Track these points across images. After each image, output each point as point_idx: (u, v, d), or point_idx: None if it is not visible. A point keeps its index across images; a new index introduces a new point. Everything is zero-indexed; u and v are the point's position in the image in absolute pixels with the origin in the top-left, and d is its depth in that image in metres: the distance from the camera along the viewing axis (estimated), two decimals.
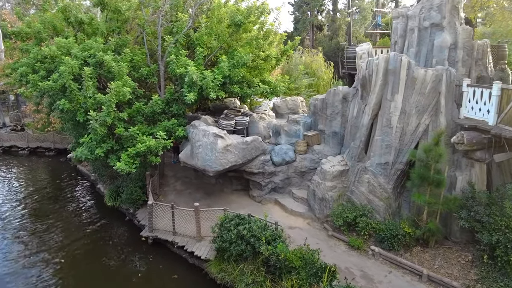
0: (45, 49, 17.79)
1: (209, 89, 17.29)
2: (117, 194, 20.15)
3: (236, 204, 18.53)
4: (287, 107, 23.71)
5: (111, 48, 18.56)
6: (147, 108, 18.30)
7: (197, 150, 16.69)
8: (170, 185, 21.48)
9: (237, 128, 19.84)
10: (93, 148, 17.06)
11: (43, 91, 17.36)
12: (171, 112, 19.25)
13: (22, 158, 32.20)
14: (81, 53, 17.89)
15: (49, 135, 32.66)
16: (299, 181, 18.53)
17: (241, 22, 17.79)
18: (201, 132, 16.88)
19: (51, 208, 21.70)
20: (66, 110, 16.96)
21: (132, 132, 16.95)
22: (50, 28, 20.48)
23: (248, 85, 19.52)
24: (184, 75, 17.52)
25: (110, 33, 20.08)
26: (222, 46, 19.80)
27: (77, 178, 26.45)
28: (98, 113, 16.39)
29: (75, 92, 17.02)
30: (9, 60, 31.95)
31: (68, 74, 16.69)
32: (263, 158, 18.31)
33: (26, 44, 20.22)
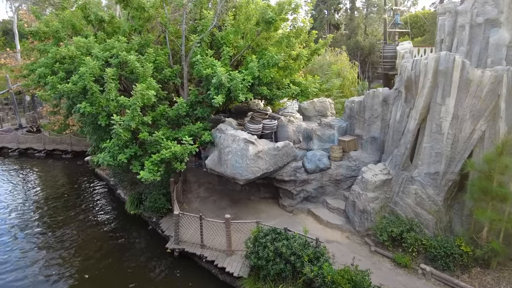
0: (64, 49, 16.84)
1: (238, 91, 16.17)
2: (139, 201, 19.13)
3: (265, 214, 17.36)
4: (314, 109, 22.48)
5: (134, 48, 17.52)
6: (172, 111, 17.20)
7: (226, 157, 15.55)
8: (193, 192, 20.40)
9: (264, 132, 18.65)
10: (116, 154, 16.05)
11: (62, 94, 16.39)
12: (196, 115, 18.18)
13: (38, 161, 31.49)
14: (102, 53, 16.89)
15: (65, 137, 31.90)
16: (333, 190, 17.25)
17: (273, 19, 16.59)
18: (230, 137, 15.73)
19: (68, 214, 20.84)
20: (87, 113, 15.97)
21: (157, 137, 15.87)
22: (69, 27, 19.57)
23: (277, 87, 18.34)
24: (211, 77, 16.45)
25: (132, 32, 19.06)
26: (250, 45, 18.63)
27: (95, 182, 25.53)
28: (121, 117, 15.37)
29: (96, 94, 16.04)
30: (26, 61, 31.23)
31: (89, 75, 15.71)
32: (294, 164, 17.11)
33: (44, 44, 19.33)
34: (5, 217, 20.94)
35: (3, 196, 23.89)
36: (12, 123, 43.08)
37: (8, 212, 21.58)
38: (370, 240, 14.59)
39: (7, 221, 20.38)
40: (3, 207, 22.32)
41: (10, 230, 19.35)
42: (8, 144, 33.79)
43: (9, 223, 20.17)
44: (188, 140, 15.30)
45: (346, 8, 66.83)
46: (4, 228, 19.64)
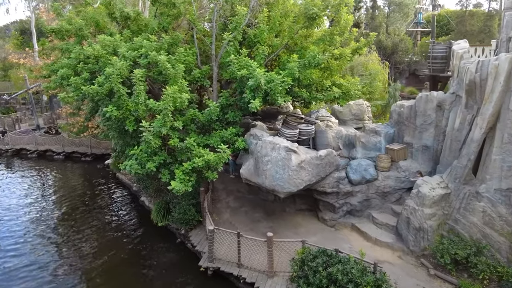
0: (88, 48, 15.62)
1: (277, 94, 14.76)
2: (166, 211, 17.84)
3: (304, 228, 15.93)
4: (350, 113, 21.03)
5: (164, 48, 16.23)
6: (203, 116, 15.86)
7: (265, 167, 14.14)
8: (222, 201, 19.04)
9: (301, 138, 17.18)
10: (144, 162, 14.78)
11: (86, 96, 15.17)
12: (226, 119, 16.84)
13: (57, 163, 30.53)
14: (129, 52, 15.63)
15: (85, 139, 30.88)
16: (380, 203, 15.73)
17: (317, 16, 15.13)
18: (269, 145, 14.32)
19: (87, 220, 19.86)
20: (113, 118, 14.72)
21: (188, 144, 14.53)
22: (92, 25, 18.37)
23: (316, 89, 16.89)
24: (246, 78, 15.07)
25: (159, 30, 17.79)
26: (287, 43, 17.19)
27: (117, 188, 24.37)
28: (151, 123, 14.09)
29: (124, 97, 14.78)
30: (45, 61, 30.27)
31: (117, 76, 14.45)
32: (337, 175, 15.65)
33: (66, 43, 18.17)
34: (22, 221, 20.11)
35: (21, 199, 23.02)
36: (29, 123, 42.39)
37: (25, 215, 20.74)
38: (427, 261, 13.03)
39: (24, 225, 19.62)
40: (20, 210, 21.47)
41: (26, 234, 18.63)
42: (27, 146, 32.96)
43: (26, 227, 19.42)
44: (223, 148, 13.94)
45: (367, 6, 65.03)
46: (20, 232, 18.89)
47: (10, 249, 17.29)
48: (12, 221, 20.16)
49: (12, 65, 57.75)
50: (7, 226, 19.70)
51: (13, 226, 19.69)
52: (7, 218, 20.55)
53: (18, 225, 19.68)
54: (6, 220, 20.36)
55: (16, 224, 19.80)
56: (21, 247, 17.43)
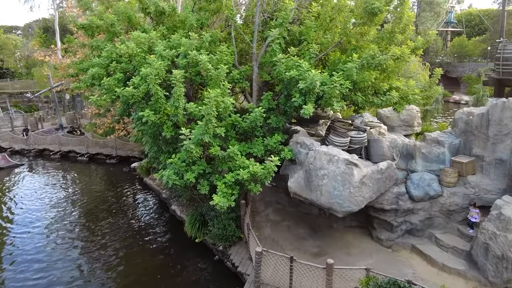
0: (122, 46, 14.25)
1: (332, 99, 13.14)
2: (201, 224, 16.39)
3: (357, 249, 14.27)
4: (399, 119, 19.29)
5: (205, 46, 14.77)
6: (245, 122, 14.35)
7: (320, 181, 12.51)
8: (261, 214, 17.50)
9: (351, 147, 15.48)
10: (182, 171, 13.36)
11: (121, 99, 13.82)
12: (269, 125, 15.30)
13: (81, 165, 29.52)
14: (167, 51, 14.21)
15: (109, 140, 29.77)
16: (443, 223, 13.95)
17: (378, 11, 13.43)
18: (324, 156, 12.69)
19: (113, 229, 18.69)
20: (150, 123, 13.31)
21: (231, 152, 13.03)
22: (124, 21, 17.02)
23: (373, 92, 15.19)
24: (296, 80, 13.50)
25: (197, 27, 16.34)
26: (339, 41, 15.52)
27: (145, 193, 23.09)
28: (192, 129, 12.65)
29: (162, 100, 13.38)
30: (71, 58, 29.27)
31: (155, 77, 13.05)
32: (396, 190, 13.93)
33: (97, 40, 16.87)
34: (45, 224, 19.24)
35: (43, 203, 22.13)
36: (52, 122, 41.75)
37: (48, 219, 19.85)
38: None
39: (47, 229, 18.80)
40: (43, 214, 20.60)
41: (49, 237, 18.00)
42: (50, 146, 32.10)
43: (47, 231, 18.61)
44: (274, 160, 12.37)
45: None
46: (43, 235, 18.17)
47: (30, 255, 16.62)
48: (32, 223, 19.33)
49: (35, 63, 57.57)
50: (29, 228, 18.90)
51: (34, 228, 18.88)
52: (28, 220, 19.72)
53: (39, 228, 18.88)
54: (28, 222, 19.56)
55: (37, 227, 18.97)
56: (40, 254, 16.62)
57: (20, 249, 16.98)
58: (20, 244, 17.44)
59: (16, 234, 18.35)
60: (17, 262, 16.00)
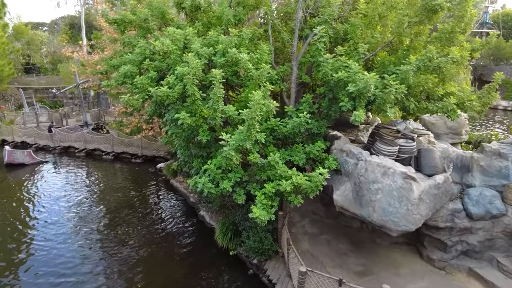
0: (157, 42, 13.31)
1: (386, 104, 11.91)
2: (233, 234, 15.38)
3: (407, 269, 12.98)
4: (446, 126, 17.90)
5: (245, 44, 13.73)
6: (286, 127, 13.24)
7: (372, 196, 11.30)
8: (297, 225, 16.37)
9: (400, 157, 14.19)
10: (218, 179, 12.36)
11: (155, 99, 12.89)
12: (309, 130, 14.16)
13: (106, 164, 28.93)
14: (204, 49, 13.23)
15: (135, 139, 29.09)
16: (506, 245, 12.54)
17: (440, 8, 12.12)
18: (377, 168, 11.47)
19: (137, 231, 17.97)
20: (186, 126, 12.33)
21: (272, 160, 11.96)
22: (158, 16, 16.11)
23: (426, 97, 13.87)
24: (344, 82, 12.33)
25: (235, 23, 15.34)
26: (391, 41, 14.25)
27: (171, 196, 22.21)
28: (232, 135, 11.62)
29: (198, 102, 12.38)
30: (97, 55, 28.74)
31: (193, 77, 12.06)
32: (452, 206, 12.60)
33: (128, 36, 16.02)
34: (67, 223, 18.68)
35: (67, 201, 21.66)
36: (76, 119, 41.55)
37: (70, 218, 19.29)
38: None
39: (69, 229, 18.28)
40: (65, 213, 20.11)
41: (71, 236, 17.60)
42: (75, 143, 31.68)
43: (69, 232, 18.00)
44: (324, 173, 11.24)
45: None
46: (65, 236, 17.54)
47: (52, 254, 16.19)
48: (54, 222, 18.81)
49: (60, 59, 57.85)
50: (50, 228, 18.38)
51: (56, 228, 18.36)
52: (50, 218, 19.21)
53: (61, 228, 18.33)
54: (49, 220, 19.07)
55: (59, 226, 18.45)
56: (62, 256, 16.08)
57: (42, 248, 16.50)
58: (42, 243, 16.94)
59: (37, 233, 17.81)
60: (38, 260, 15.61)
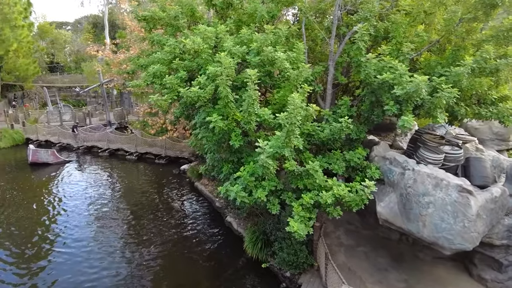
0: (187, 40, 12.59)
1: (437, 109, 10.89)
2: (264, 243, 14.55)
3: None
4: (491, 131, 16.76)
5: (281, 42, 12.88)
6: (323, 132, 12.34)
7: (423, 210, 10.30)
8: (331, 235, 15.40)
9: (446, 165, 13.08)
10: (251, 188, 11.54)
11: (185, 100, 12.16)
12: (348, 136, 13.20)
13: (129, 164, 28.53)
14: (237, 47, 12.44)
15: (158, 139, 28.59)
16: None
17: (501, 1, 11.01)
18: (428, 179, 10.46)
19: (160, 235, 17.38)
20: (218, 130, 11.56)
21: (311, 169, 11.06)
22: (187, 14, 15.41)
23: (477, 102, 12.75)
24: (390, 84, 11.35)
25: (269, 19, 14.53)
26: (438, 40, 13.17)
27: (196, 200, 21.52)
28: (268, 141, 10.78)
29: (231, 105, 11.59)
30: (122, 55, 28.34)
31: (226, 78, 11.28)
32: (508, 222, 11.44)
33: (157, 34, 15.36)
34: (90, 230, 18.04)
35: (89, 201, 21.34)
36: (100, 118, 41.47)
37: (92, 219, 18.91)
38: None
39: (91, 230, 17.88)
40: (88, 213, 19.77)
41: (93, 237, 17.24)
42: (98, 143, 31.44)
43: (94, 235, 17.49)
44: (370, 186, 10.30)
45: None
46: (87, 240, 17.01)
47: (74, 254, 15.92)
48: (77, 228, 18.27)
49: (84, 58, 58.18)
50: (72, 230, 18.03)
51: (78, 234, 17.82)
52: (74, 224, 18.65)
53: (83, 233, 17.75)
54: (72, 221, 18.72)
55: (81, 231, 17.90)
56: (83, 259, 15.62)
57: (62, 252, 16.10)
58: (62, 249, 16.52)
59: (59, 238, 17.40)
60: (58, 263, 15.28)
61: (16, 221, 18.79)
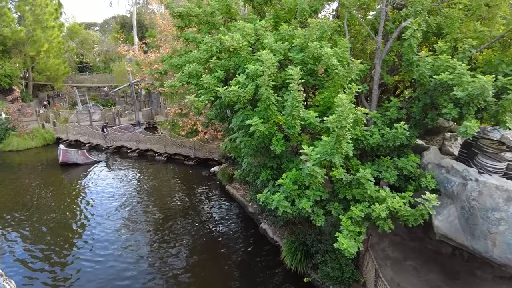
0: (226, 37, 11.79)
1: (506, 113, 9.71)
2: (303, 255, 13.62)
3: None
4: None
5: (326, 36, 11.92)
6: (372, 137, 11.30)
7: (492, 227, 9.13)
8: (376, 247, 14.29)
9: (508, 175, 11.79)
10: (294, 197, 10.63)
11: (223, 101, 11.37)
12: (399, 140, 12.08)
13: (158, 165, 28.10)
14: (279, 43, 11.56)
15: (187, 140, 28.03)
16: None
17: None
18: (497, 192, 9.28)
19: (193, 240, 16.71)
20: (259, 134, 10.70)
21: (362, 178, 10.05)
22: (223, 10, 14.64)
23: None
24: (448, 85, 10.25)
25: (311, 13, 13.61)
26: (503, 35, 11.92)
27: (227, 204, 20.76)
28: (314, 147, 9.86)
29: (273, 107, 10.71)
30: (152, 55, 27.92)
31: (268, 78, 10.42)
32: None
33: (192, 32, 14.66)
34: (119, 233, 17.54)
35: (118, 203, 20.91)
36: (129, 118, 41.43)
37: (122, 227, 18.25)
38: None
39: (120, 238, 17.15)
40: (116, 214, 19.40)
41: (122, 245, 16.49)
42: (127, 143, 31.22)
43: (123, 239, 17.04)
44: (432, 199, 9.24)
45: None
46: (116, 245, 16.53)
47: (101, 255, 15.70)
48: (105, 231, 17.85)
49: (112, 58, 58.61)
50: (101, 230, 17.79)
51: (106, 230, 17.79)
52: (102, 227, 18.27)
53: (111, 237, 17.30)
54: (100, 230, 18.11)
55: (109, 236, 17.44)
56: (112, 262, 15.26)
57: (92, 248, 16.05)
58: (93, 242, 16.57)
59: (88, 237, 17.22)
60: (86, 267, 14.97)
61: (45, 222, 18.56)
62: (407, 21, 12.24)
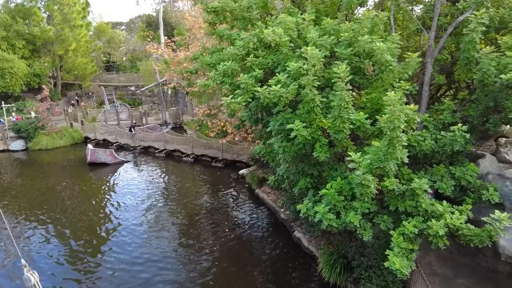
0: (267, 31, 10.88)
1: None
2: (343, 268, 12.59)
3: None
4: None
5: (378, 30, 10.89)
6: (425, 143, 10.19)
7: None
8: (421, 261, 13.06)
9: None
10: (339, 209, 9.64)
11: (262, 102, 10.48)
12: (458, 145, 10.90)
13: (186, 166, 27.56)
14: (325, 38, 10.59)
15: (214, 141, 27.34)
16: None
17: None
18: None
19: (222, 247, 15.91)
20: (301, 140, 9.75)
21: (417, 188, 8.97)
22: (259, 5, 13.74)
23: None
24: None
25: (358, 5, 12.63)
26: None
27: (257, 209, 19.83)
28: (363, 153, 8.86)
29: (317, 110, 9.75)
30: (181, 53, 27.34)
31: (313, 77, 9.47)
32: None
33: (226, 28, 13.84)
34: (145, 236, 17.07)
35: (144, 205, 20.38)
36: (156, 117, 41.20)
37: (147, 230, 17.76)
38: None
39: (146, 240, 16.70)
40: (142, 216, 18.99)
41: (148, 247, 16.04)
42: (155, 143, 30.87)
43: (148, 240, 16.61)
44: (503, 219, 8.14)
45: None
46: (142, 245, 16.22)
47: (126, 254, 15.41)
48: (131, 226, 17.73)
49: (139, 57, 58.74)
50: (127, 232, 17.39)
51: (132, 231, 17.38)
52: (129, 229, 17.77)
53: (137, 233, 17.10)
54: (126, 223, 18.01)
55: (135, 230, 17.29)
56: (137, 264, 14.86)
57: (115, 257, 15.36)
58: (118, 243, 16.23)
59: (114, 236, 16.92)
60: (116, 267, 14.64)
61: (71, 224, 18.24)
62: (465, 14, 11.09)
